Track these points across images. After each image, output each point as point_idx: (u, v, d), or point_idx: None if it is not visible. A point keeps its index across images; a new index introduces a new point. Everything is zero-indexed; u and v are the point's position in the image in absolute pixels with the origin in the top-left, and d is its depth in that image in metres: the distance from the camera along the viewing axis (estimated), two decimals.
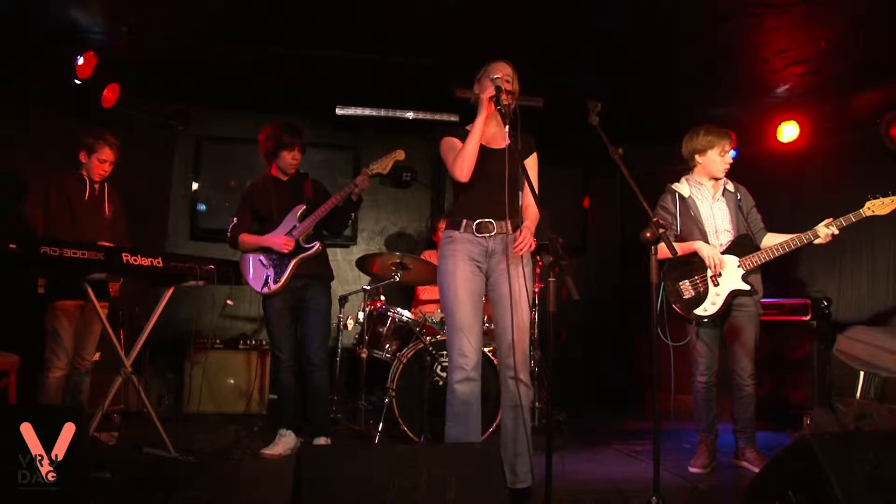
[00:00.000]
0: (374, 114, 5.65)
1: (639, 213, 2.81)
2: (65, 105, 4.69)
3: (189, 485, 3.22)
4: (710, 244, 3.58)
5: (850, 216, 3.37)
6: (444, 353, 4.00)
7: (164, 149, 5.89)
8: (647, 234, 2.68)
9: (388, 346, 4.42)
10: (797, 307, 4.84)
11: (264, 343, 5.26)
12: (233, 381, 5.21)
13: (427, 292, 5.22)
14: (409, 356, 4.13)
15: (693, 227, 3.64)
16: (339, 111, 5.62)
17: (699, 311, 3.56)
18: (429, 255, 5.00)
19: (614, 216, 6.52)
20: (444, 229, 2.99)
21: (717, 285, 3.55)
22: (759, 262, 3.53)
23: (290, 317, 3.87)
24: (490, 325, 3.41)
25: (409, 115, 5.65)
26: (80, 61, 4.37)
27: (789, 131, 5.31)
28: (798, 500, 2.05)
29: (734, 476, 3.54)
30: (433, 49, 4.56)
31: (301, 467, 1.88)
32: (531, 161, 2.97)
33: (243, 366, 5.25)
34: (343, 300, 4.66)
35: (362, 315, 4.47)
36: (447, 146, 2.95)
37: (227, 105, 5.86)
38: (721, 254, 3.56)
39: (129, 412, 4.69)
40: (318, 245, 3.80)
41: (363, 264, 4.59)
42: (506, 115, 2.74)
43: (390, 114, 5.65)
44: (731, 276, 3.54)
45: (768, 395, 4.78)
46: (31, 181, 3.95)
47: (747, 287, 3.52)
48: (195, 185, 5.96)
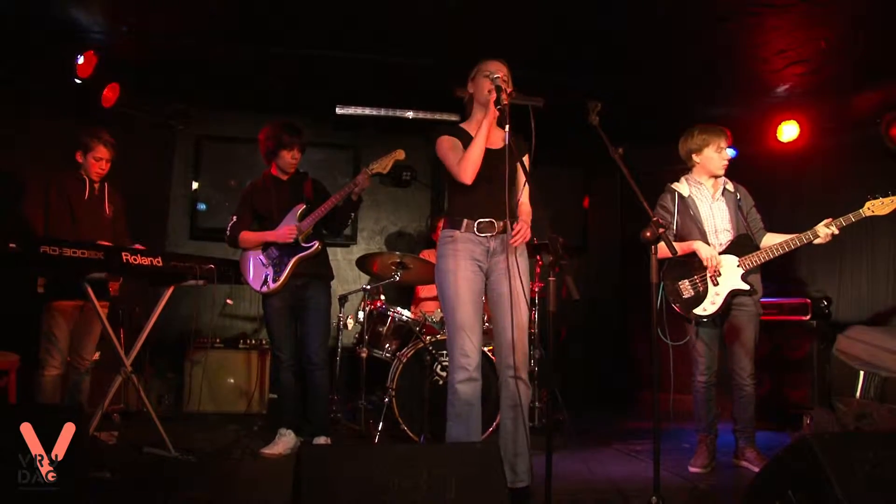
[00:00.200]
0: (374, 113, 5.65)
1: (639, 213, 2.81)
2: (65, 105, 4.69)
3: (189, 484, 3.22)
4: (709, 244, 3.58)
5: (850, 216, 3.36)
6: (444, 352, 4.01)
7: (164, 148, 5.90)
8: (647, 234, 2.68)
9: (388, 345, 4.42)
10: (797, 307, 4.84)
11: (264, 342, 5.26)
12: (233, 381, 5.22)
13: (426, 290, 5.22)
14: (409, 356, 4.13)
15: (692, 226, 3.64)
16: (339, 111, 5.62)
17: (699, 310, 3.56)
18: (428, 255, 5.00)
19: (614, 216, 6.52)
20: (444, 228, 2.96)
21: (716, 285, 3.54)
22: (758, 262, 3.53)
23: (290, 316, 3.87)
24: (488, 325, 3.41)
25: (409, 114, 5.65)
26: (81, 61, 4.37)
27: (789, 131, 5.31)
28: (798, 500, 2.05)
29: (734, 476, 3.54)
30: (433, 49, 4.56)
31: (301, 467, 1.88)
32: (525, 159, 2.96)
33: (243, 365, 5.26)
34: (343, 299, 4.66)
35: (362, 314, 4.47)
36: (448, 146, 2.91)
37: (227, 105, 5.86)
38: (720, 253, 3.56)
39: (129, 412, 4.69)
40: (317, 244, 3.80)
41: (363, 264, 4.59)
42: (504, 115, 2.73)
43: (390, 113, 5.65)
44: (730, 275, 3.54)
45: (768, 395, 4.78)
46: (31, 181, 3.95)
47: (747, 287, 3.52)
48: (195, 185, 5.97)
